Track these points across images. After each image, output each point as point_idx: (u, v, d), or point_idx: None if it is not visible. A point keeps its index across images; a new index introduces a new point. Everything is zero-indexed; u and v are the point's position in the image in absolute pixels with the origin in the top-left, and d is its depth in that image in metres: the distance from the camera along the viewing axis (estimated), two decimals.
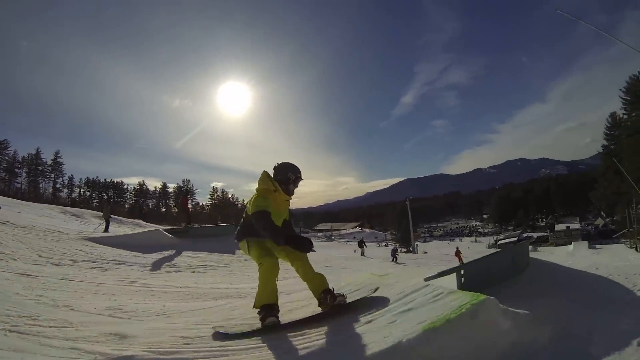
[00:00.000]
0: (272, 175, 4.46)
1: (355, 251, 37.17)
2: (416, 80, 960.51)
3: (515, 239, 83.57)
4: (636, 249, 39.70)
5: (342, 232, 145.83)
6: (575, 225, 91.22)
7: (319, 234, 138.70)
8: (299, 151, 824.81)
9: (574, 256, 33.19)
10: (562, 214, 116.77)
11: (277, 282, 4.04)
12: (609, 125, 67.96)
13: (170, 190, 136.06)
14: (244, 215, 4.48)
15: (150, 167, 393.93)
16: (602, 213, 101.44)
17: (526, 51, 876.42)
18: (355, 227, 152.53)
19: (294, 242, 4.02)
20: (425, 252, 50.36)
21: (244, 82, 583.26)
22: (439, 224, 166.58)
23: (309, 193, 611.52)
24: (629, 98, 57.93)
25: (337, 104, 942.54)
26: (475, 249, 66.02)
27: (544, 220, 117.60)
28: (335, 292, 4.22)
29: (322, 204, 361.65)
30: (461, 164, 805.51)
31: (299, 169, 4.54)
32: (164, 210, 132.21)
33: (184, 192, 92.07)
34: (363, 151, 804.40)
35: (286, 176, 4.45)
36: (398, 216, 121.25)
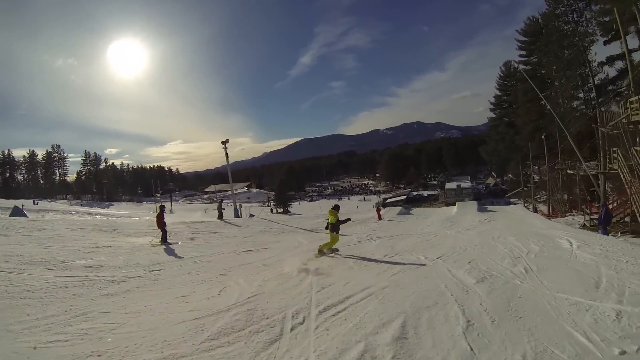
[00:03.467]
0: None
1: None
2: (315, 42, 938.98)
3: (405, 197, 79.32)
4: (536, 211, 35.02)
5: (229, 193, 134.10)
6: (467, 184, 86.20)
7: (205, 197, 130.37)
8: (193, 112, 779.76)
9: (454, 224, 23.27)
10: (454, 173, 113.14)
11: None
12: (502, 75, 61.29)
13: (39, 157, 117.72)
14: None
15: (36, 136, 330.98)
16: (493, 173, 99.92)
17: (428, 21, 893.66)
18: (244, 188, 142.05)
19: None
20: (251, 215, 43.47)
21: (135, 40, 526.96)
22: (331, 183, 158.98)
23: (205, 155, 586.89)
24: (526, 39, 50.20)
25: (233, 63, 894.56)
26: (364, 207, 62.08)
27: (436, 179, 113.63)
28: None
29: (220, 165, 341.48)
30: (359, 125, 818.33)
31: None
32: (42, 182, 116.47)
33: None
34: (259, 111, 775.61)
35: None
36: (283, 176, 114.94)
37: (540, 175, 45.10)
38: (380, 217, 30.02)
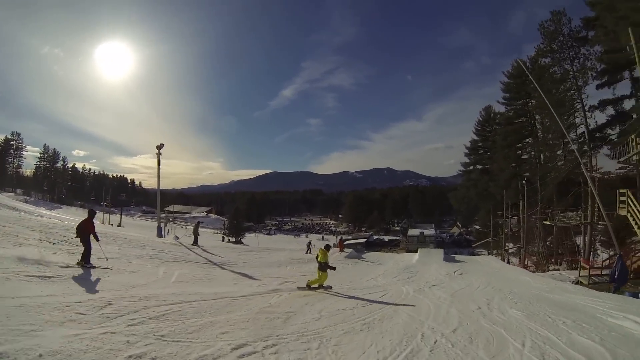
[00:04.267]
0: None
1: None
2: (300, 76, 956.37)
3: (364, 240, 73.65)
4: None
5: (187, 215, 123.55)
6: (430, 231, 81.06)
7: (162, 215, 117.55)
8: (169, 128, 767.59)
9: (414, 276, 16.98)
10: (418, 221, 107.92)
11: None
12: (480, 119, 56.14)
13: None
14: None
15: (4, 122, 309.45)
16: (458, 223, 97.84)
17: (412, 71, 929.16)
18: (203, 212, 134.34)
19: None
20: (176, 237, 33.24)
21: (123, 43, 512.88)
22: (293, 219, 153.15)
23: (174, 174, 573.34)
24: (511, 81, 45.78)
25: (215, 83, 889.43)
26: (320, 246, 53.43)
27: (399, 225, 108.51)
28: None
29: (187, 187, 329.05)
30: (329, 165, 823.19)
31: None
32: None
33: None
34: (233, 138, 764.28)
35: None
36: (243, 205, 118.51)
37: (509, 226, 40.26)
38: (342, 249, 29.33)
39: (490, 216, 45.45)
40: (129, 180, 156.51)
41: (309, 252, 27.94)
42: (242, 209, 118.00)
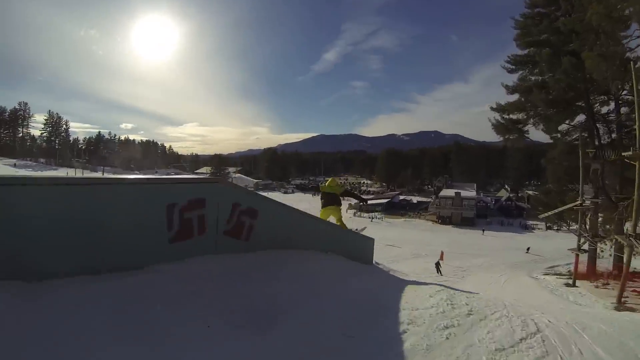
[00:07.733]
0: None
1: None
2: (341, 39, 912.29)
3: (386, 201, 59.16)
4: None
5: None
6: (470, 193, 55.40)
7: (185, 174, 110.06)
8: (212, 96, 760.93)
9: None
10: (459, 180, 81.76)
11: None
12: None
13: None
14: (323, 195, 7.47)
15: (54, 103, 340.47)
16: (506, 186, 79.68)
17: (458, 30, 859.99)
18: (231, 171, 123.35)
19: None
20: None
21: (158, 16, 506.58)
22: (327, 178, 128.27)
23: (222, 140, 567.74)
24: None
25: (257, 50, 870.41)
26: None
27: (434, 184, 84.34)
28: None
29: (234, 152, 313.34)
30: (376, 127, 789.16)
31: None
32: None
33: None
34: (278, 103, 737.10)
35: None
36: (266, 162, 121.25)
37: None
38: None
39: (581, 150, 19.88)
40: (160, 145, 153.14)
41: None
42: (263, 167, 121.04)
